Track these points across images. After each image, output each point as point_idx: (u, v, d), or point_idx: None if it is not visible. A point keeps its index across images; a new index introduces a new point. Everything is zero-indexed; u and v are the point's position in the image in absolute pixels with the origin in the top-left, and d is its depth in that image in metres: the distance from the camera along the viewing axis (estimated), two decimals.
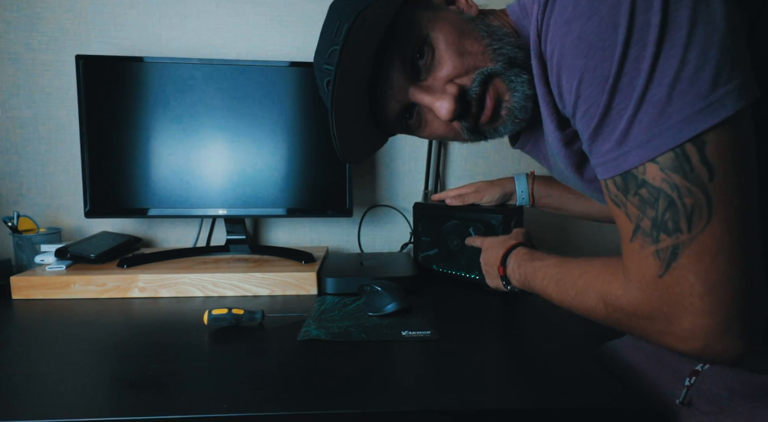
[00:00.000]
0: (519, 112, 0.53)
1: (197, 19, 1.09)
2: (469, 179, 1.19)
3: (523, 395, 0.51)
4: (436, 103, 0.51)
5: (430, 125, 0.57)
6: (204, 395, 0.51)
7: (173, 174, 0.97)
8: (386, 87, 0.53)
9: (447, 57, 0.51)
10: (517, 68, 0.51)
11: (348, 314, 0.76)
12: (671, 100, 0.36)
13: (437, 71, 0.52)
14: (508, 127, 0.55)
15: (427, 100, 0.52)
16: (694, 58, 0.35)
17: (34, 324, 0.73)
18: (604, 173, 0.42)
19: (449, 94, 0.51)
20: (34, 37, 1.07)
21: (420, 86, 0.53)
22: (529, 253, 0.64)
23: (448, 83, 0.52)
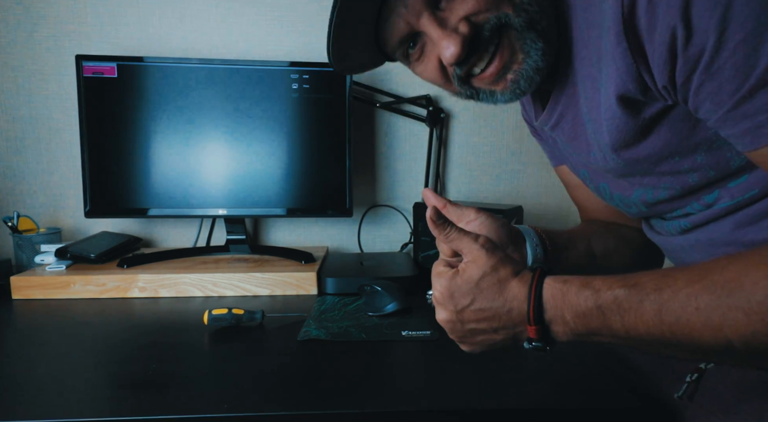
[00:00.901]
0: (525, 82, 0.48)
1: (197, 19, 1.09)
2: (469, 179, 1.19)
3: (523, 395, 0.51)
4: (443, 41, 0.47)
5: (427, 61, 0.52)
6: (204, 395, 0.51)
7: (173, 174, 0.97)
8: (400, 3, 0.48)
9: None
10: (535, 33, 0.46)
11: (348, 314, 0.76)
12: None
13: (458, 4, 0.47)
14: (507, 96, 0.50)
15: (437, 34, 0.47)
16: None
17: (34, 324, 0.73)
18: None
19: (459, 35, 0.46)
20: (34, 37, 1.07)
21: (435, 15, 0.47)
22: (578, 283, 0.42)
23: (462, 20, 0.46)
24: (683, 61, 0.38)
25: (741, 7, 0.34)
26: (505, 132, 1.18)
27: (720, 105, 0.38)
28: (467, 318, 0.46)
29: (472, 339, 0.47)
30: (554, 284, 0.43)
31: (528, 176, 1.19)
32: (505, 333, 0.46)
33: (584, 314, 0.41)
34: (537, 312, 0.42)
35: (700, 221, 0.50)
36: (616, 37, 0.40)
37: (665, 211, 0.53)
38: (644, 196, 0.52)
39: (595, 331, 0.41)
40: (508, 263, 0.46)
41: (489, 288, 0.45)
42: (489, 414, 0.49)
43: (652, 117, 0.44)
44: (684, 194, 0.49)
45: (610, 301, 0.40)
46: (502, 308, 0.44)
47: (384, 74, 1.13)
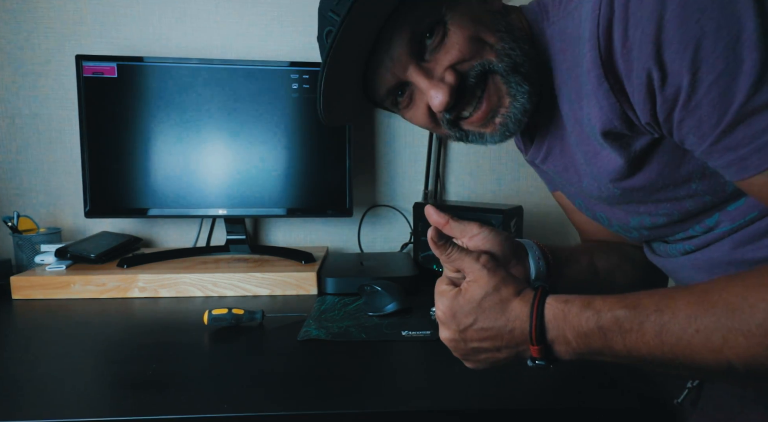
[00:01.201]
0: (513, 124, 0.50)
1: (197, 19, 1.09)
2: (469, 179, 1.19)
3: (523, 395, 0.51)
4: (431, 91, 0.48)
5: (416, 108, 0.53)
6: (204, 395, 0.51)
7: (173, 174, 0.97)
8: (386, 56, 0.49)
9: (456, 43, 0.48)
10: (520, 76, 0.48)
11: (348, 314, 0.76)
12: None
13: (442, 54, 0.49)
14: (496, 138, 0.52)
15: (424, 85, 0.49)
16: None
17: (34, 324, 0.73)
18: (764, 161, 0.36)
19: (446, 84, 0.48)
20: (34, 37, 1.07)
21: (421, 67, 0.49)
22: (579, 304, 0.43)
23: (447, 70, 0.48)
24: (662, 100, 0.39)
25: (710, 48, 0.35)
26: None
27: (703, 138, 0.39)
28: (470, 337, 0.46)
29: (475, 357, 0.48)
30: (556, 304, 0.43)
31: (528, 176, 1.19)
32: (508, 352, 0.46)
33: (586, 334, 0.42)
34: (539, 332, 0.43)
35: (702, 243, 0.51)
36: (597, 79, 0.41)
37: (667, 234, 0.54)
38: (642, 222, 0.53)
39: (596, 351, 0.42)
40: (510, 282, 0.46)
41: (491, 308, 0.45)
42: (489, 414, 0.49)
43: (643, 149, 0.45)
44: (683, 219, 0.50)
45: (612, 322, 0.41)
46: (504, 328, 0.45)
47: None
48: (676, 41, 0.36)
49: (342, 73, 0.50)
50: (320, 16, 0.52)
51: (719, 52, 0.35)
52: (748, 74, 0.35)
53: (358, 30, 0.46)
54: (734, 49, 0.35)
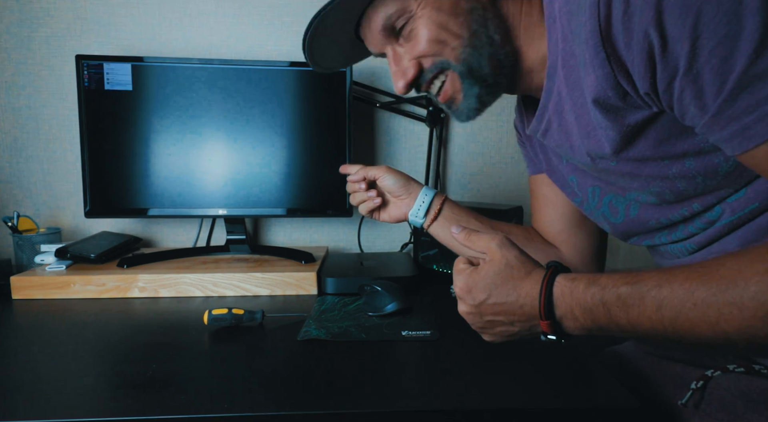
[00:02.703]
0: (471, 111, 0.57)
1: (197, 19, 1.09)
2: (469, 179, 1.19)
3: (523, 395, 0.51)
4: (395, 77, 0.57)
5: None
6: (204, 395, 0.51)
7: (173, 174, 0.97)
8: (368, 31, 0.57)
9: (420, 40, 0.54)
10: (472, 79, 0.54)
11: (348, 314, 0.76)
12: None
13: (410, 45, 0.55)
14: (461, 119, 0.59)
15: (392, 69, 0.57)
16: None
17: (34, 324, 0.73)
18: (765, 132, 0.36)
19: (407, 77, 0.55)
20: (34, 37, 1.07)
21: (394, 48, 0.57)
22: (585, 281, 0.45)
23: (411, 61, 0.55)
24: (662, 67, 0.39)
25: (711, 14, 0.35)
26: (505, 132, 1.18)
27: (704, 109, 0.39)
28: (485, 311, 0.50)
29: (491, 330, 0.52)
30: (564, 282, 0.46)
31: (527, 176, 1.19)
32: (521, 326, 0.50)
33: (591, 310, 0.44)
34: (547, 308, 0.46)
35: (706, 241, 0.51)
36: (594, 48, 0.42)
37: (652, 218, 0.53)
38: (638, 197, 0.53)
39: (603, 326, 0.44)
40: (523, 261, 0.50)
41: (503, 285, 0.49)
42: (489, 414, 0.49)
43: (638, 124, 0.45)
44: (673, 201, 0.50)
45: (615, 297, 0.43)
46: (515, 303, 0.48)
47: (384, 74, 1.13)
48: (678, 7, 0.36)
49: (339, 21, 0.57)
50: None
51: (720, 18, 0.35)
52: (749, 40, 0.34)
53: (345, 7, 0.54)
54: (736, 13, 0.34)
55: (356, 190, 0.75)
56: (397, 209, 0.74)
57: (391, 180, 0.72)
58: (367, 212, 0.75)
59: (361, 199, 0.75)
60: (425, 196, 0.72)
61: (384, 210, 0.75)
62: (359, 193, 0.74)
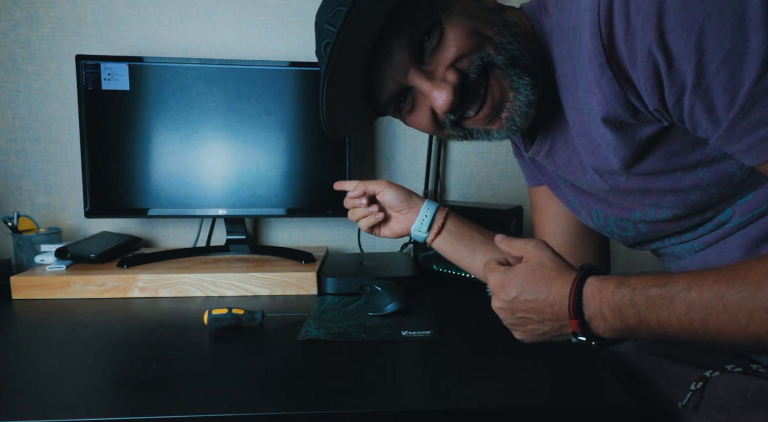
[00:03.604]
0: (519, 118, 0.50)
1: (197, 19, 1.09)
2: (469, 179, 1.19)
3: (523, 395, 0.51)
4: (434, 92, 0.48)
5: (419, 112, 0.53)
6: (204, 395, 0.51)
7: (173, 174, 0.97)
8: (386, 63, 0.49)
9: (454, 39, 0.48)
10: (519, 69, 0.48)
11: (348, 314, 0.76)
12: None
13: (441, 54, 0.48)
14: (503, 134, 0.52)
15: (426, 87, 0.49)
16: None
17: (34, 324, 0.73)
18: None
19: (449, 84, 0.48)
20: (34, 37, 1.07)
21: (421, 69, 0.49)
22: (615, 282, 0.45)
23: (449, 69, 0.48)
24: (669, 84, 0.39)
25: (715, 31, 0.35)
26: None
27: (717, 123, 0.39)
28: (516, 307, 0.51)
29: (522, 328, 0.52)
30: (594, 282, 0.46)
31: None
32: (551, 325, 0.50)
33: (620, 309, 0.44)
34: (576, 307, 0.46)
35: (712, 240, 0.51)
36: (600, 67, 0.41)
37: (667, 230, 0.53)
38: (646, 215, 0.52)
39: (632, 327, 0.44)
40: (556, 262, 0.50)
41: (536, 282, 0.49)
42: (489, 414, 0.49)
43: (649, 138, 0.45)
44: (688, 214, 0.49)
45: (644, 299, 0.43)
46: (546, 301, 0.49)
47: None
48: (680, 25, 0.36)
49: (343, 84, 0.50)
50: (317, 29, 0.53)
51: (725, 34, 0.35)
52: (756, 53, 0.34)
53: (356, 39, 0.46)
54: (740, 28, 0.34)
55: (356, 206, 0.73)
56: (398, 224, 0.73)
57: (392, 194, 0.71)
58: (368, 228, 0.74)
59: (361, 214, 0.73)
60: (428, 210, 0.71)
61: (385, 225, 0.74)
62: (359, 209, 0.73)
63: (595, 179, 0.52)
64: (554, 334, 0.50)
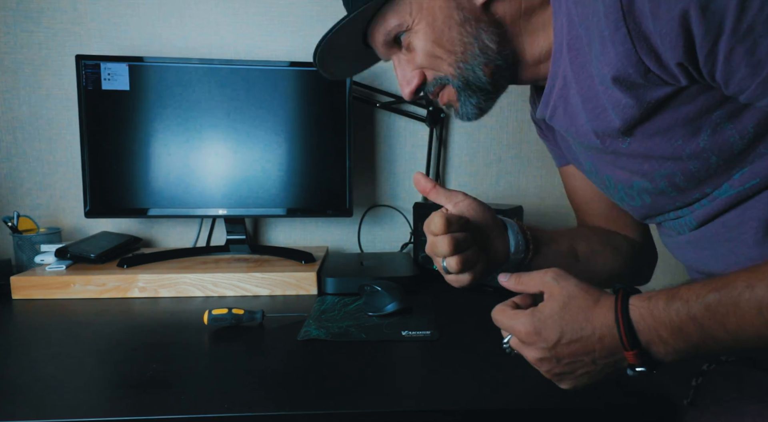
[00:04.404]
0: (468, 116, 0.59)
1: (197, 19, 1.09)
2: (469, 179, 1.19)
3: (523, 395, 0.51)
4: (402, 85, 0.59)
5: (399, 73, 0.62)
6: (204, 395, 0.51)
7: (173, 174, 0.97)
8: (373, 42, 0.60)
9: (419, 54, 0.56)
10: (470, 91, 0.56)
11: (348, 314, 0.76)
12: None
13: (411, 56, 0.58)
14: (463, 120, 0.61)
15: (399, 75, 0.59)
16: None
17: (34, 324, 0.73)
18: None
19: (411, 85, 0.58)
20: (34, 37, 1.07)
21: (398, 56, 0.59)
22: (664, 297, 0.40)
23: (415, 70, 0.58)
24: (703, 31, 0.37)
25: None
26: (505, 132, 1.18)
27: (760, 67, 0.37)
28: (561, 354, 0.43)
29: (572, 375, 0.45)
30: (639, 303, 0.41)
31: (528, 176, 1.19)
32: (604, 363, 0.43)
33: (680, 328, 0.39)
34: (630, 335, 0.40)
35: (705, 216, 0.50)
36: (615, 23, 0.41)
37: (667, 204, 0.53)
38: (645, 186, 0.52)
39: (698, 344, 0.39)
40: (585, 290, 0.44)
41: (574, 319, 0.43)
42: (489, 414, 0.49)
43: (658, 100, 0.44)
44: (686, 185, 0.49)
45: (703, 309, 0.38)
46: (593, 336, 0.42)
47: (384, 74, 1.13)
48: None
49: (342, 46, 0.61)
50: None
51: None
52: None
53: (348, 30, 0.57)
54: None
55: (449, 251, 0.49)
56: (495, 252, 0.55)
57: (477, 210, 0.54)
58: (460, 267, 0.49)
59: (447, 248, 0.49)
60: (511, 224, 0.57)
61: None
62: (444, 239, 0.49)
63: (596, 145, 0.52)
64: (609, 372, 0.44)
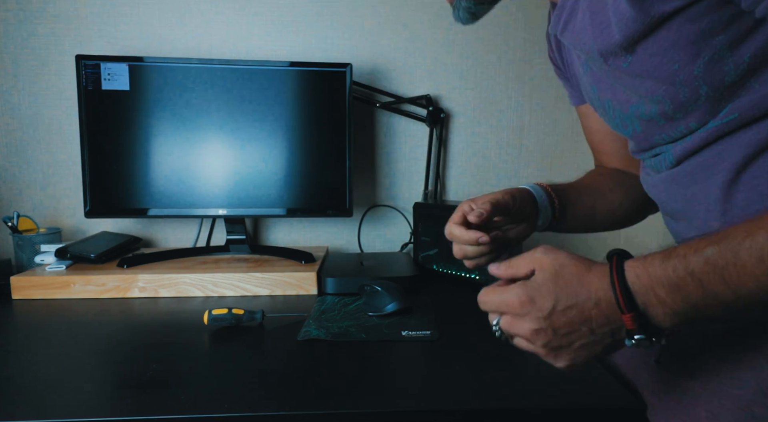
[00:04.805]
0: (460, 19, 0.59)
1: (197, 19, 1.09)
2: (469, 179, 1.19)
3: (523, 395, 0.51)
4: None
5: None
6: (204, 395, 0.51)
7: (173, 174, 0.97)
8: None
9: None
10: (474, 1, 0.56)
11: (348, 314, 0.76)
12: None
13: None
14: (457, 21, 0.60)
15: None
16: None
17: (34, 324, 0.73)
18: None
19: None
20: (34, 37, 1.07)
21: None
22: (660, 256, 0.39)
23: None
24: None
25: None
26: (505, 132, 1.18)
27: None
28: (557, 322, 0.41)
29: (569, 348, 0.42)
30: (635, 264, 0.39)
31: (528, 176, 1.19)
32: (602, 332, 0.41)
33: (678, 285, 0.37)
34: (626, 296, 0.38)
35: (682, 153, 0.50)
36: None
37: (655, 134, 0.53)
38: (639, 111, 0.52)
39: (697, 303, 0.37)
40: (576, 258, 0.43)
41: (568, 284, 0.41)
42: (489, 414, 0.49)
43: (664, 15, 0.43)
44: (674, 114, 0.48)
45: (702, 263, 0.36)
46: (588, 301, 0.40)
47: (384, 74, 1.13)
48: None
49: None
50: None
51: None
52: None
53: None
54: None
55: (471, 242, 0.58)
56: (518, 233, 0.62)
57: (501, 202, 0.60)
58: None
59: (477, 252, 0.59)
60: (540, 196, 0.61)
61: None
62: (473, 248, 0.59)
63: (600, 63, 0.52)
64: (608, 344, 0.42)
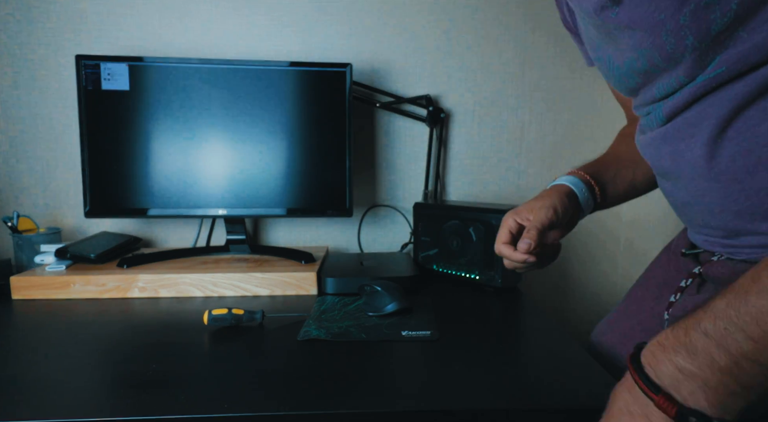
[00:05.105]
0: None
1: (197, 19, 1.09)
2: (469, 179, 1.19)
3: (522, 395, 0.51)
4: None
5: None
6: (204, 395, 0.51)
7: (173, 174, 0.97)
8: None
9: None
10: None
11: (348, 314, 0.76)
12: None
13: None
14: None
15: None
16: None
17: (34, 324, 0.73)
18: None
19: None
20: (34, 37, 1.07)
21: None
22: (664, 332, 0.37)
23: None
24: None
25: None
26: (505, 132, 1.18)
27: None
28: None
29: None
30: (648, 345, 0.38)
31: (528, 176, 1.19)
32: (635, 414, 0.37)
33: (696, 350, 0.33)
34: (645, 379, 0.35)
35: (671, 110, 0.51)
36: None
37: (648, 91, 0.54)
38: (633, 66, 0.53)
39: (730, 369, 0.33)
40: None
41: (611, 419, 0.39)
42: (489, 414, 0.49)
43: None
44: (662, 66, 0.49)
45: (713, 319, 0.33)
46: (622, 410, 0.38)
47: (384, 74, 1.13)
48: None
49: None
50: None
51: None
52: None
53: None
54: None
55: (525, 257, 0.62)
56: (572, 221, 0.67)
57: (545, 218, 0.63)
58: None
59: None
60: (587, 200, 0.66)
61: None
62: None
63: (597, 20, 0.53)
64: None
